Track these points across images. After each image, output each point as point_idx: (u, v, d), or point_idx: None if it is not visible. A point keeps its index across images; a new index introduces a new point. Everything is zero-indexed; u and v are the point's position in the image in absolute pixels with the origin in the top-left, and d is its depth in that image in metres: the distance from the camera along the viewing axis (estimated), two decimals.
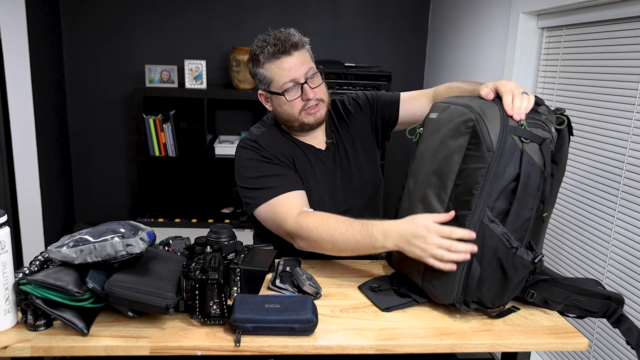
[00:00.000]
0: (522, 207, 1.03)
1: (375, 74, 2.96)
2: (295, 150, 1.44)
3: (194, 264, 1.05)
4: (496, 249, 1.03)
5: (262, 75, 1.36)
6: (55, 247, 1.00)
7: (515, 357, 1.10)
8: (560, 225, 1.97)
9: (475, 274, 1.03)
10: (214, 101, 3.23)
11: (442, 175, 1.09)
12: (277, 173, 1.37)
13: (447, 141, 1.09)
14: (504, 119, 1.02)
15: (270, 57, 1.32)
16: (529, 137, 1.02)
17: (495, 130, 1.02)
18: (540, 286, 1.11)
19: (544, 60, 2.11)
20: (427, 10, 3.31)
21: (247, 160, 1.40)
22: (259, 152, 1.39)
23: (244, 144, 1.43)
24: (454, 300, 1.07)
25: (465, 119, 1.05)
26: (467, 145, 1.04)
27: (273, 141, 1.42)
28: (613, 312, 1.07)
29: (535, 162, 1.02)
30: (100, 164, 3.29)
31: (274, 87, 1.36)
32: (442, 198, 1.08)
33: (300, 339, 0.99)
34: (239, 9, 3.18)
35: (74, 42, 3.12)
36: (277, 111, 1.42)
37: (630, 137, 1.60)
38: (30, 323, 0.98)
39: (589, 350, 1.78)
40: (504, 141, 1.01)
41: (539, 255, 1.04)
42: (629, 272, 1.60)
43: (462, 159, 1.05)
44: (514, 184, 1.02)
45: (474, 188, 1.02)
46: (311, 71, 1.35)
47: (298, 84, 1.34)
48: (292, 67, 1.32)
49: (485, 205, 1.02)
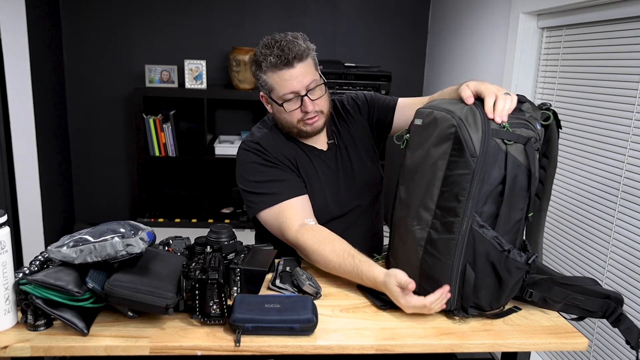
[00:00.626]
0: (511, 208, 1.02)
1: (375, 74, 2.96)
2: (297, 152, 1.43)
3: (194, 264, 1.05)
4: (488, 254, 1.03)
5: (263, 81, 1.36)
6: (55, 247, 1.00)
7: (515, 357, 1.10)
8: (560, 225, 1.97)
9: (470, 280, 1.03)
10: (214, 101, 3.23)
11: (428, 183, 1.07)
12: (280, 178, 1.37)
13: (431, 149, 1.08)
14: (485, 123, 1.01)
15: (272, 66, 1.31)
16: (512, 138, 1.00)
17: (477, 135, 1.00)
18: (539, 285, 1.11)
19: (544, 60, 2.11)
20: (427, 10, 3.31)
21: (249, 163, 1.39)
22: (261, 155, 1.39)
23: (246, 146, 1.42)
24: (451, 307, 1.07)
25: (448, 125, 1.04)
26: (451, 152, 1.03)
27: (275, 144, 1.42)
28: (612, 311, 1.07)
29: (521, 162, 1.01)
30: (100, 164, 3.29)
31: (274, 96, 1.36)
32: (429, 206, 1.07)
33: (300, 339, 0.99)
34: (239, 9, 3.18)
35: (74, 42, 3.12)
36: (276, 117, 1.43)
37: (630, 137, 1.60)
38: (30, 323, 0.98)
39: (589, 350, 1.78)
40: (487, 145, 1.00)
41: (532, 256, 1.04)
42: (629, 272, 1.60)
43: (447, 165, 1.04)
44: (501, 186, 1.01)
45: (461, 195, 1.01)
46: (313, 83, 1.33)
47: (298, 95, 1.33)
48: (293, 79, 1.31)
49: (474, 211, 1.01)
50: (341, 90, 2.92)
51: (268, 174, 1.37)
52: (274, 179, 1.37)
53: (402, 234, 1.16)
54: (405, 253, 1.15)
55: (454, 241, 1.03)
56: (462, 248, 1.03)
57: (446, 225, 1.04)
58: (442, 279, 1.05)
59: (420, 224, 1.09)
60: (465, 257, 1.03)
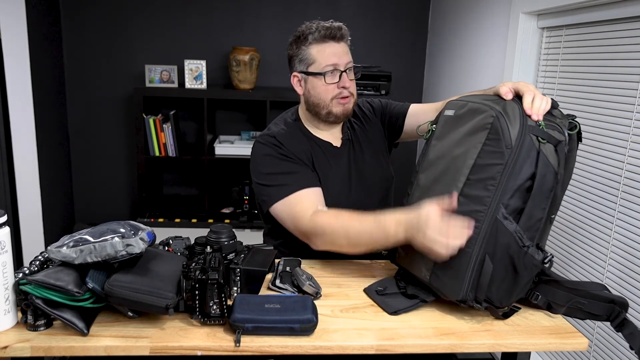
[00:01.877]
0: (535, 206, 1.03)
1: (375, 74, 2.96)
2: (313, 147, 1.46)
3: (194, 264, 1.05)
4: (509, 246, 1.03)
5: (305, 54, 1.41)
6: (55, 247, 1.00)
7: (515, 357, 1.10)
8: (561, 226, 1.97)
9: (488, 271, 1.03)
10: (214, 101, 3.23)
11: (455, 171, 1.09)
12: (294, 170, 1.38)
13: (465, 137, 1.09)
14: (524, 117, 1.03)
15: (320, 38, 1.39)
16: (546, 137, 1.02)
17: (515, 128, 1.02)
18: (543, 288, 1.11)
19: (544, 60, 2.11)
20: (427, 10, 3.31)
21: (264, 156, 1.41)
22: (276, 148, 1.41)
23: (262, 139, 1.44)
24: (464, 297, 1.05)
25: (486, 115, 1.06)
26: (485, 141, 1.04)
27: (292, 138, 1.45)
28: (616, 315, 1.06)
29: (550, 163, 1.02)
30: (100, 164, 3.29)
31: (314, 68, 1.41)
32: (453, 192, 1.07)
33: (300, 339, 0.99)
34: (239, 9, 3.18)
35: (74, 42, 3.12)
36: (309, 95, 1.45)
37: (630, 137, 1.60)
38: (30, 323, 0.98)
39: (589, 350, 1.78)
40: (523, 139, 1.01)
41: (548, 256, 1.04)
42: (629, 272, 1.60)
43: (478, 154, 1.05)
44: (529, 182, 1.02)
45: (490, 184, 1.02)
46: (350, 64, 1.43)
47: (338, 70, 1.40)
48: (337, 53, 1.40)
49: (500, 202, 1.02)
50: None
51: (282, 166, 1.39)
52: (288, 171, 1.38)
53: None
54: None
55: (478, 230, 1.03)
56: (485, 237, 1.03)
57: (471, 213, 1.04)
58: (459, 267, 1.05)
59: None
60: (486, 248, 1.03)
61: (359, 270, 1.34)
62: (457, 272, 1.05)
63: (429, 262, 1.10)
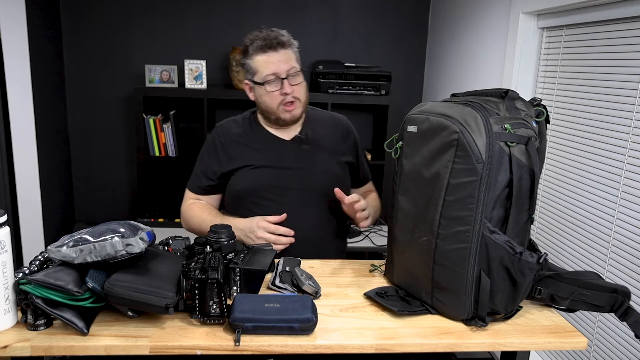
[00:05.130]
0: (519, 211, 1.02)
1: (375, 74, 2.96)
2: (257, 135, 1.57)
3: (194, 263, 1.05)
4: (502, 259, 1.02)
5: (249, 66, 1.50)
6: (55, 247, 1.00)
7: (514, 356, 1.11)
8: (561, 225, 1.97)
9: (486, 288, 1.02)
10: (214, 101, 3.23)
11: (431, 193, 1.05)
12: (203, 171, 1.62)
13: (434, 157, 1.05)
14: (489, 126, 0.99)
15: (258, 49, 1.47)
16: (515, 139, 1.00)
17: (481, 138, 0.98)
18: (545, 282, 1.11)
19: (544, 60, 2.11)
20: (427, 10, 3.31)
21: (205, 141, 1.65)
22: (214, 139, 1.60)
23: (214, 128, 1.64)
24: (468, 316, 1.05)
25: (449, 131, 1.01)
26: (454, 159, 1.00)
27: (233, 126, 1.60)
28: (620, 305, 1.06)
29: (524, 163, 1.00)
30: (100, 164, 3.29)
31: (257, 78, 1.49)
32: (434, 216, 1.05)
33: (300, 339, 0.99)
34: (239, 9, 3.18)
35: (74, 42, 3.12)
36: (258, 102, 1.54)
37: (630, 137, 1.60)
38: (30, 323, 0.98)
39: (588, 349, 1.78)
40: (492, 149, 0.98)
41: (542, 255, 1.04)
42: (629, 272, 1.60)
43: (450, 173, 1.01)
44: (507, 190, 1.00)
45: (469, 202, 1.00)
46: (293, 70, 1.48)
47: (279, 78, 1.46)
48: (275, 61, 1.46)
49: (484, 217, 1.00)
50: (341, 90, 2.92)
51: (203, 161, 1.62)
52: (201, 169, 1.62)
53: (406, 243, 1.14)
54: (412, 263, 1.13)
55: (467, 250, 1.01)
56: (476, 256, 1.01)
57: (456, 234, 1.02)
58: (457, 289, 1.04)
59: (427, 235, 1.07)
60: (480, 264, 1.02)
61: (359, 270, 1.34)
62: (455, 294, 1.05)
63: (427, 286, 1.09)
